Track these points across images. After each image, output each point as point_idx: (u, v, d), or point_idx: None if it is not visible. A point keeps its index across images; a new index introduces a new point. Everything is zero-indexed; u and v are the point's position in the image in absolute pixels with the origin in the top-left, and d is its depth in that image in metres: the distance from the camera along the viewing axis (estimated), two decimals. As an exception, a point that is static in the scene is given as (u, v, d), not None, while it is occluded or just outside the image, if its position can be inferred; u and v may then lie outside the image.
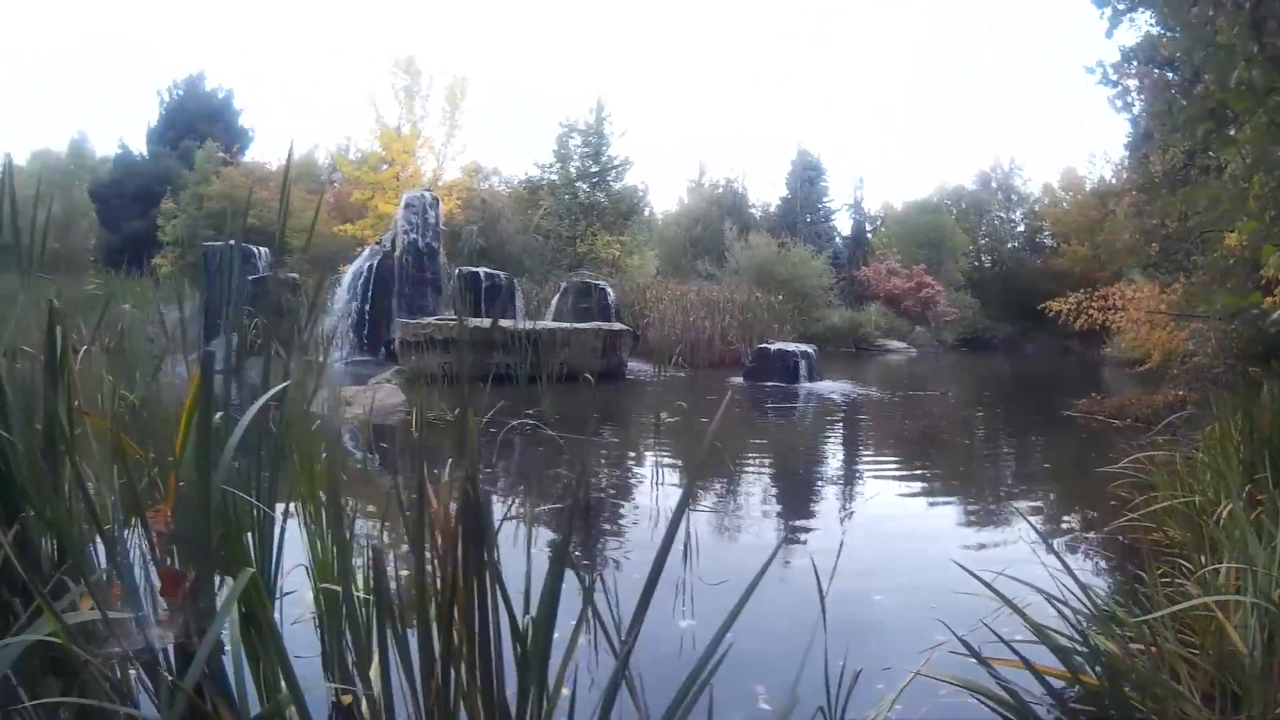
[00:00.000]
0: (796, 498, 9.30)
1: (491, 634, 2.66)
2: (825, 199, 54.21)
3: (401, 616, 2.79)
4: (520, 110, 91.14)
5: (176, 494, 2.99)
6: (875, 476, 10.53)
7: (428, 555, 2.67)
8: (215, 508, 2.84)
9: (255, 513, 3.49)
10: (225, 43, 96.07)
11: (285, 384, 3.59)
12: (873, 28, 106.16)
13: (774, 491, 9.56)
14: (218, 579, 2.95)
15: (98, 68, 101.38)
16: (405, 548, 3.86)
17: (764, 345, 22.59)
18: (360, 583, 3.61)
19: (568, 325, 21.28)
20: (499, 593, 2.68)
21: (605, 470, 9.99)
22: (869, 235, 55.48)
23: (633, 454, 11.46)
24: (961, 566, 3.81)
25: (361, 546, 4.00)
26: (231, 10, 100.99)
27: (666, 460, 10.84)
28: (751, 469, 10.52)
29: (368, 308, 24.36)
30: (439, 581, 2.67)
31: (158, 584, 2.64)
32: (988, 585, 3.55)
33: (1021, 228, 55.06)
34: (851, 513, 8.38)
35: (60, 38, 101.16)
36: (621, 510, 8.07)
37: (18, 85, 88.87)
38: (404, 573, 4.16)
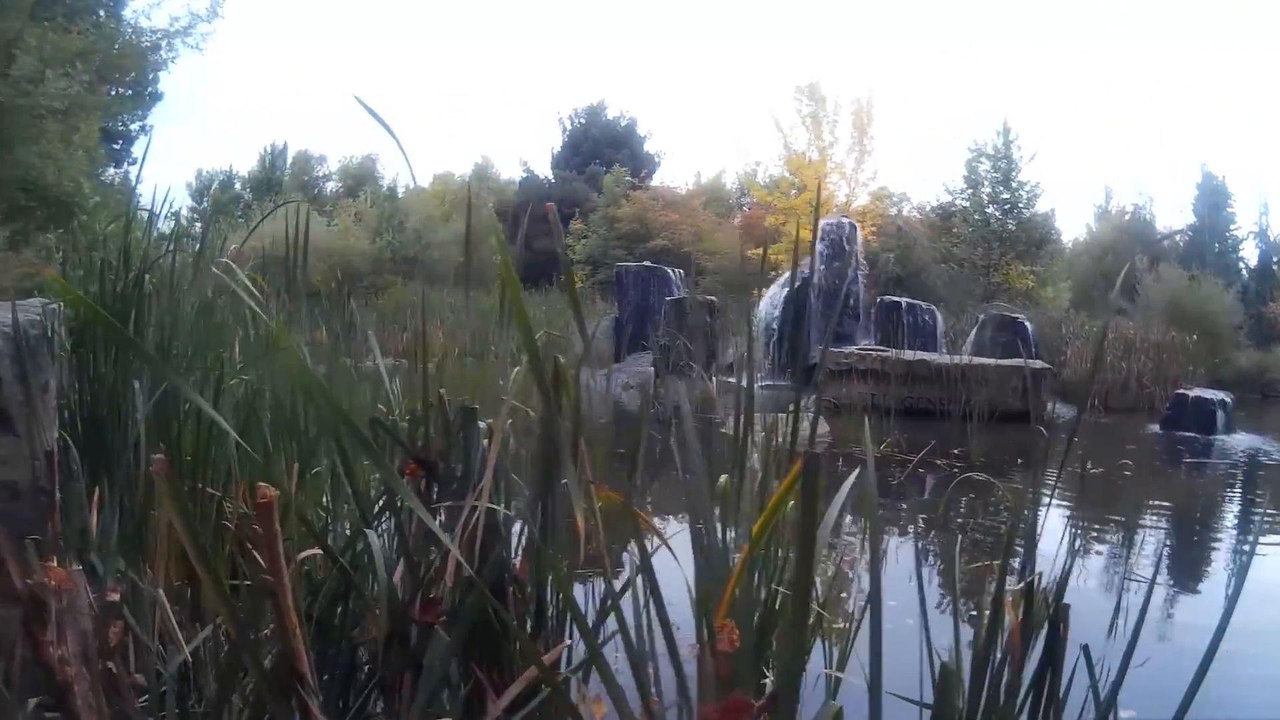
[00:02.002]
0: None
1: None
2: (1233, 226, 51.34)
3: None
4: (928, 133, 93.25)
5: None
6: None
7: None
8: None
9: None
10: (623, 72, 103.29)
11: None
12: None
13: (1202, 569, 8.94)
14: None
15: (494, 96, 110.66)
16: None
17: (1182, 391, 21.74)
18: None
19: (990, 361, 21.68)
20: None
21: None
22: (1275, 267, 50.24)
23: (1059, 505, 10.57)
24: None
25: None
26: (628, 41, 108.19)
27: (1093, 517, 10.41)
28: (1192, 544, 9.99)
29: (785, 333, 25.82)
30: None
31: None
32: None
33: None
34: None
35: (456, 68, 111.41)
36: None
37: (417, 112, 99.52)
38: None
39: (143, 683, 2.81)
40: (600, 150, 53.57)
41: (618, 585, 3.00)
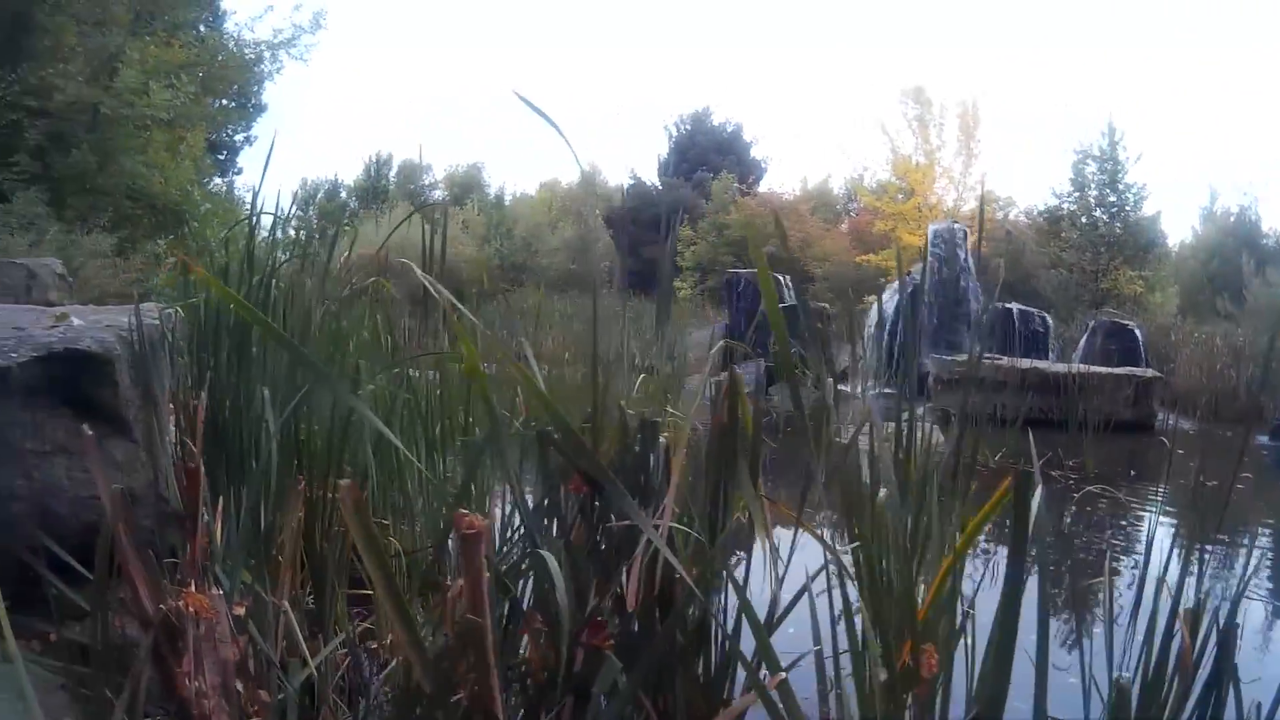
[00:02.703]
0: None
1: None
2: (1340, 226, 47.68)
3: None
4: (1033, 135, 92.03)
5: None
6: None
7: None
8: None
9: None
10: (727, 77, 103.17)
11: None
12: None
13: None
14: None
15: (601, 103, 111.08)
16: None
17: (1293, 401, 20.40)
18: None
19: (1102, 370, 20.91)
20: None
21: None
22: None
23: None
24: None
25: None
26: (731, 46, 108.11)
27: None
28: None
29: (897, 341, 24.09)
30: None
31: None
32: None
33: None
34: None
35: (561, 75, 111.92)
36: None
37: (521, 120, 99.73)
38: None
39: (267, 699, 2.85)
40: (706, 157, 53.49)
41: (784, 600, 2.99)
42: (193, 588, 2.54)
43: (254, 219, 4.79)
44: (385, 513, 4.54)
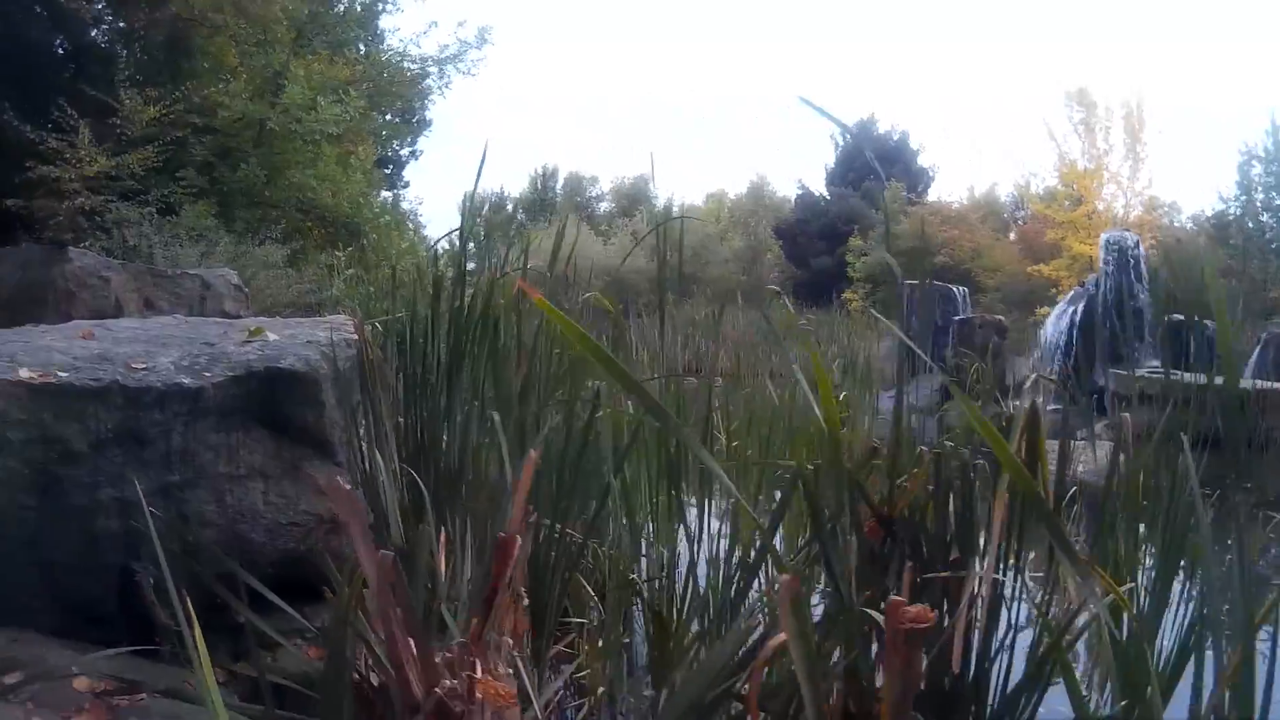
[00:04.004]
0: None
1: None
2: None
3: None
4: (1197, 136, 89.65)
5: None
6: None
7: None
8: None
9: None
10: (891, 84, 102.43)
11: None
12: None
13: None
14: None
15: (767, 113, 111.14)
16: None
17: None
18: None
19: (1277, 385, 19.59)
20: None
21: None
22: None
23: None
24: None
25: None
26: (894, 53, 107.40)
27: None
28: None
29: (1072, 354, 24.47)
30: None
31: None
32: None
33: None
34: None
35: (726, 88, 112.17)
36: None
37: (686, 131, 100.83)
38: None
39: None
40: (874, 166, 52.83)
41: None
42: (477, 668, 2.25)
43: (463, 232, 4.58)
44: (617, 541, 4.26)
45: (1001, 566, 2.64)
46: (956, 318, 27.38)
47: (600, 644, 3.84)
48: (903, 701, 2.02)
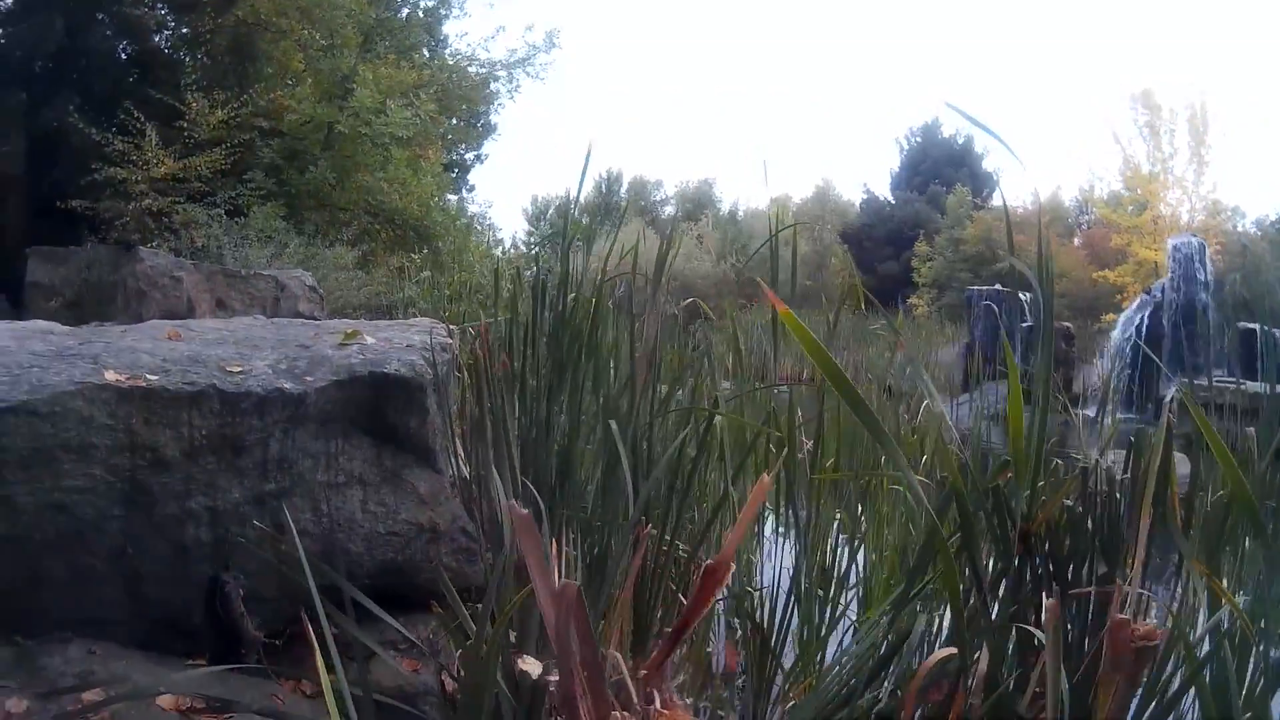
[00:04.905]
0: None
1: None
2: None
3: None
4: (1257, 139, 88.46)
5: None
6: None
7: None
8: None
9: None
10: (953, 86, 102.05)
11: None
12: None
13: None
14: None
15: (831, 118, 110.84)
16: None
17: None
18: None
19: None
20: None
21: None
22: None
23: None
24: None
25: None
26: (956, 55, 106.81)
27: None
28: None
29: (1139, 362, 24.49)
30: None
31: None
32: None
33: None
34: None
35: (790, 92, 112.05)
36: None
37: (753, 136, 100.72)
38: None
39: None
40: (939, 170, 52.60)
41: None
42: (657, 703, 2.24)
43: (565, 235, 4.43)
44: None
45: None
46: (1024, 324, 26.94)
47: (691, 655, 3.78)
48: (1121, 717, 2.05)
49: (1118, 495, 2.72)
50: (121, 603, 3.11)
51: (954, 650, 2.52)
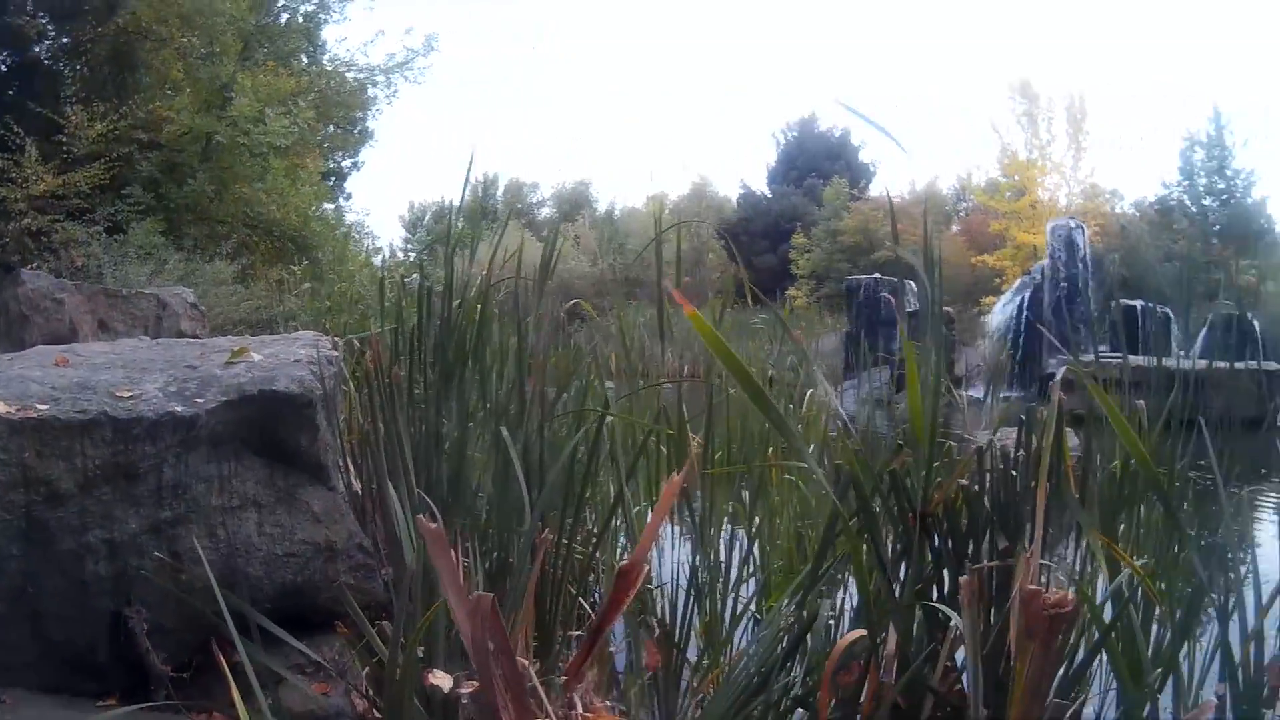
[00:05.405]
0: None
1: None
2: None
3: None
4: (1138, 124, 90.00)
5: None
6: None
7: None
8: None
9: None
10: (830, 82, 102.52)
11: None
12: None
13: None
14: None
15: (707, 115, 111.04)
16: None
17: None
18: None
19: (1224, 365, 19.82)
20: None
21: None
22: None
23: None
24: None
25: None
26: (830, 51, 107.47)
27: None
28: None
29: (1021, 342, 25.46)
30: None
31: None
32: None
33: None
34: None
35: (665, 89, 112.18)
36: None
37: (629, 134, 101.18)
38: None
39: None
40: (816, 163, 53.21)
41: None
42: (580, 708, 2.32)
43: (449, 242, 4.42)
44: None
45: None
46: (907, 310, 27.19)
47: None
48: (1039, 688, 2.11)
49: (1013, 472, 2.77)
50: (26, 645, 3.06)
51: (863, 632, 2.57)
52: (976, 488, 2.77)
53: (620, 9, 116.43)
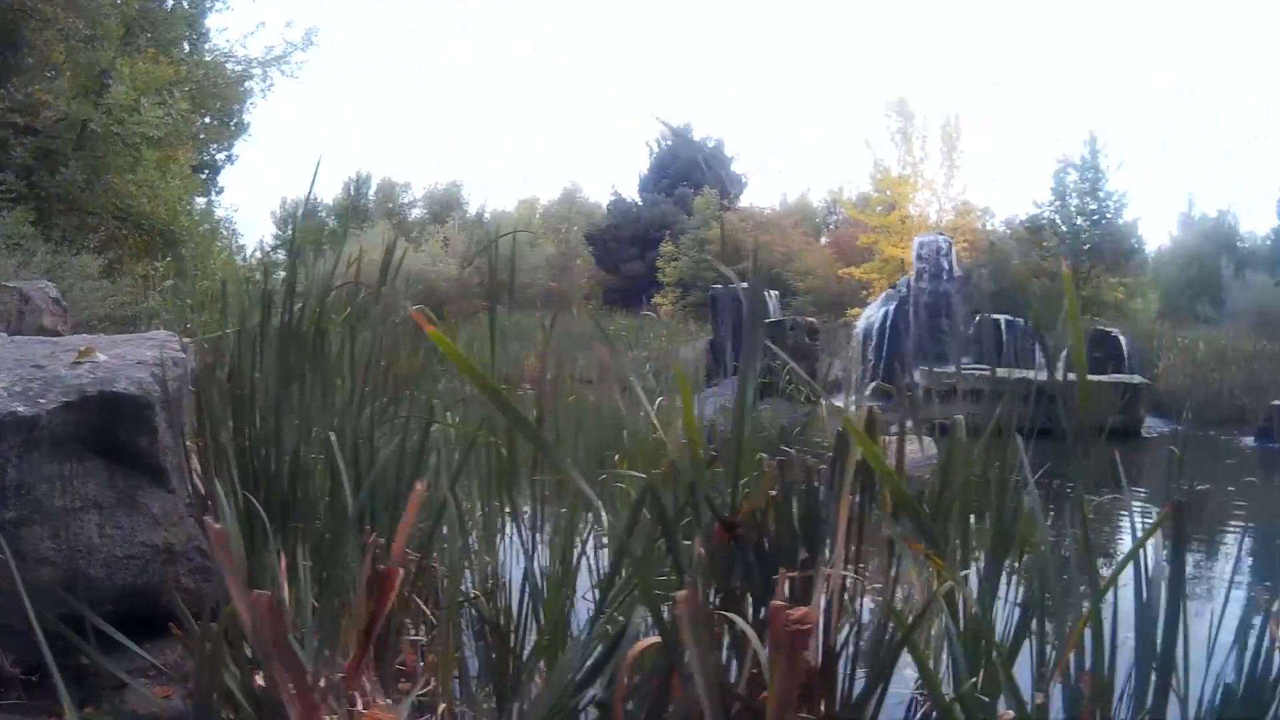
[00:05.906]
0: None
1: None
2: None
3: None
4: (1012, 144, 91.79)
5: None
6: None
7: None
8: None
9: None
10: (706, 94, 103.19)
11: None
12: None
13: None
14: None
15: (581, 122, 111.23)
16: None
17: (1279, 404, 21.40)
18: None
19: (1090, 378, 20.19)
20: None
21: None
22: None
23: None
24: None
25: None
26: (708, 63, 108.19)
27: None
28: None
29: (884, 353, 25.83)
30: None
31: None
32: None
33: None
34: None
35: (540, 96, 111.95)
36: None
37: (501, 138, 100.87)
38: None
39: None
40: (688, 172, 53.55)
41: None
42: (357, 701, 2.38)
43: (293, 243, 4.46)
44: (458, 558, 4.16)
45: (847, 565, 2.82)
46: (767, 320, 27.40)
47: (435, 659, 3.79)
48: (788, 700, 2.11)
49: (815, 484, 2.83)
50: None
51: (658, 639, 2.58)
52: (782, 500, 2.81)
53: (505, 11, 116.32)
